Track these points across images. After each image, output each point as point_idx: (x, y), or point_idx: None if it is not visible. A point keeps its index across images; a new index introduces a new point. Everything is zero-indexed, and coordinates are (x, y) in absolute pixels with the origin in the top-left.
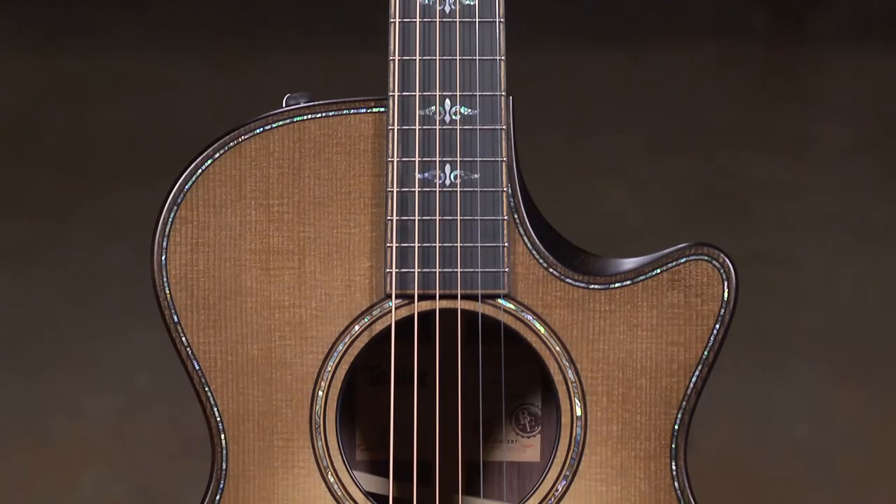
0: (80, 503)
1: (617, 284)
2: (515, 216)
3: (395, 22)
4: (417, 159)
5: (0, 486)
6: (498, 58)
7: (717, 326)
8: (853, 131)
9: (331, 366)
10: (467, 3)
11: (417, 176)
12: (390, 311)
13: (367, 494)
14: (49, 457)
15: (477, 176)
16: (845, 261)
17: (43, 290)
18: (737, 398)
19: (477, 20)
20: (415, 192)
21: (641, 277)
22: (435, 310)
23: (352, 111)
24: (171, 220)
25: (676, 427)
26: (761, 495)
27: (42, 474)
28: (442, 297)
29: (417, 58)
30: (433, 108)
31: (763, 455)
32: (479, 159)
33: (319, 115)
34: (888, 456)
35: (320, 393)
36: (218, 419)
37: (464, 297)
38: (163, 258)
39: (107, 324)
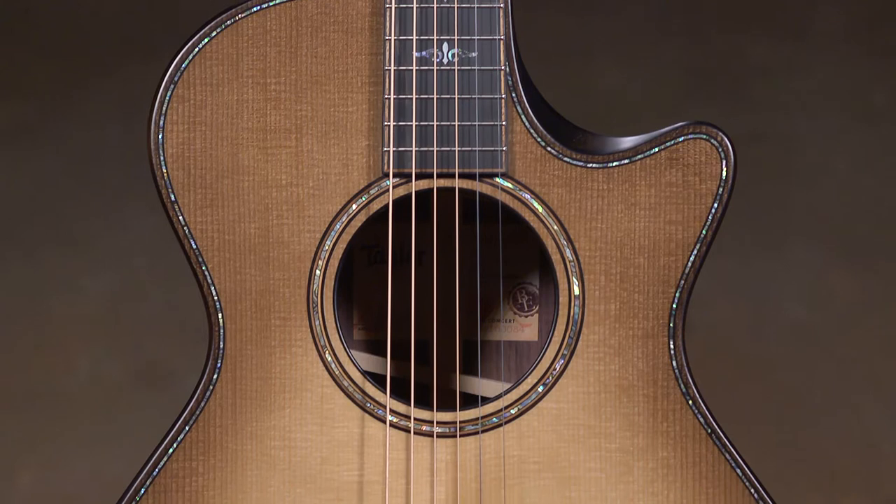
0: (78, 383)
1: (615, 163)
2: (513, 95)
3: None
4: (415, 37)
5: None
6: None
7: (716, 205)
8: (852, 12)
9: (328, 245)
10: None
11: (415, 54)
12: (388, 189)
13: (365, 373)
14: (47, 337)
15: (475, 54)
16: (844, 141)
17: (41, 170)
18: (735, 279)
19: None
20: (412, 70)
21: (640, 156)
22: (432, 188)
23: None
24: (167, 98)
25: (674, 306)
26: (760, 376)
27: (40, 354)
28: (439, 175)
29: None
30: None
31: (761, 336)
32: (476, 37)
33: None
34: (886, 336)
35: (318, 272)
36: (215, 298)
37: (461, 175)
38: (160, 137)
39: (104, 204)
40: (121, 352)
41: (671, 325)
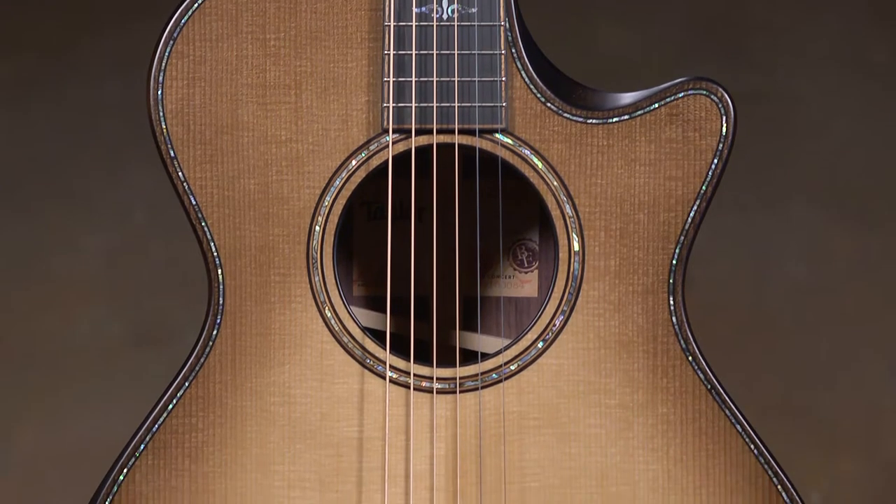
0: (79, 340)
1: (615, 119)
2: (513, 50)
3: None
4: None
5: None
6: None
7: (716, 161)
8: None
9: (328, 200)
10: None
11: (414, 10)
12: (387, 145)
13: (365, 329)
14: (47, 294)
15: (474, 10)
16: (844, 99)
17: (40, 126)
18: (735, 237)
19: None
20: (412, 26)
21: (639, 112)
22: (432, 144)
23: None
24: (167, 54)
25: (674, 262)
26: (760, 333)
27: (40, 312)
28: (439, 131)
29: None
30: None
31: (761, 293)
32: None
33: None
34: (885, 293)
35: (317, 228)
36: (215, 254)
37: (461, 131)
38: (159, 93)
39: (104, 161)
40: (120, 309)
41: (671, 281)
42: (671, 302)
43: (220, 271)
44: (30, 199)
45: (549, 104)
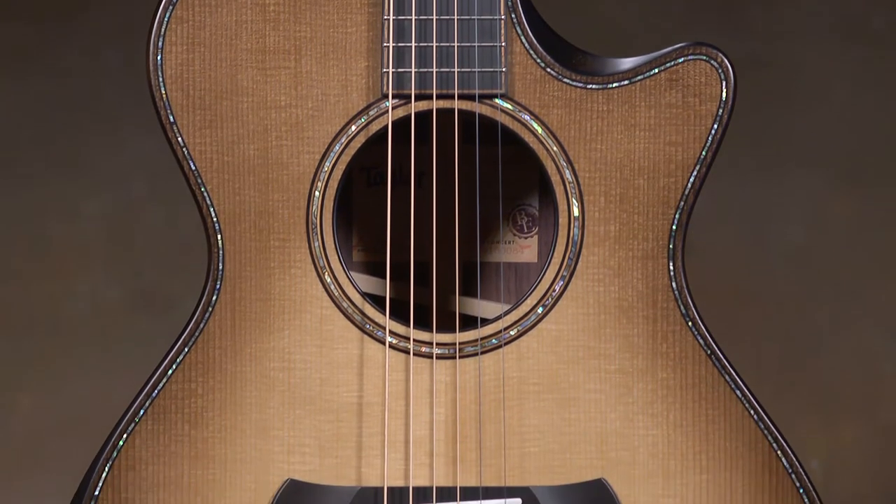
0: (78, 308)
1: (615, 84)
2: (513, 15)
3: None
4: None
5: None
6: None
7: (715, 126)
8: None
9: (327, 166)
10: None
11: None
12: (387, 111)
13: (364, 295)
14: (46, 262)
15: None
16: (843, 65)
17: (39, 94)
18: (734, 202)
19: None
20: None
21: (639, 77)
22: (432, 110)
23: None
24: (166, 19)
25: (674, 227)
26: (759, 299)
27: (39, 280)
28: (439, 97)
29: None
30: None
31: (761, 259)
32: None
33: None
34: (884, 259)
35: (317, 193)
36: (214, 220)
37: (461, 96)
38: (158, 58)
39: (103, 128)
40: (120, 276)
41: (671, 246)
42: (671, 267)
43: (219, 237)
44: (29, 167)
45: (548, 69)
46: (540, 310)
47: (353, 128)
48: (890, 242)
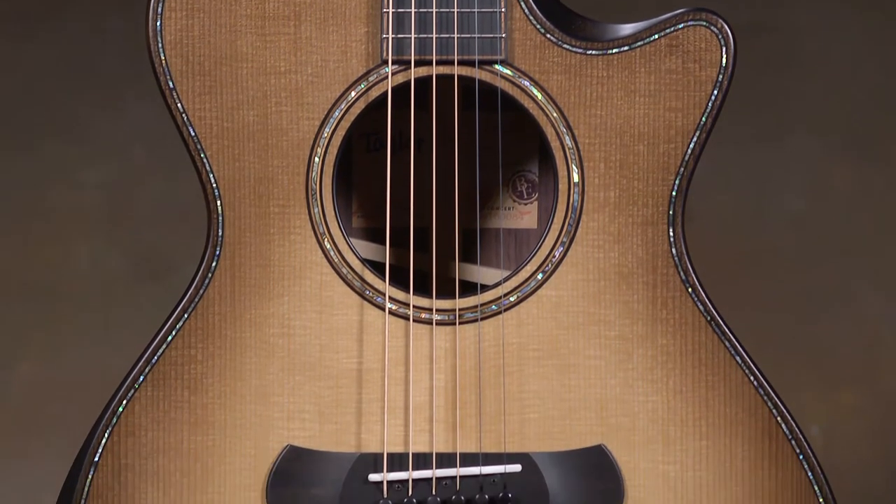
0: (78, 274)
1: (615, 50)
2: None
3: None
4: None
5: None
6: None
7: (716, 92)
8: None
9: (327, 132)
10: None
11: None
12: (387, 77)
13: (364, 261)
14: (46, 228)
15: None
16: (844, 31)
17: (39, 61)
18: (735, 170)
19: None
20: None
21: (639, 43)
22: (431, 76)
23: None
24: None
25: (674, 193)
26: (758, 266)
27: (39, 246)
28: (438, 62)
29: None
30: None
31: (761, 226)
32: None
33: None
34: (885, 225)
35: (316, 159)
36: (214, 186)
37: (460, 62)
38: (157, 24)
39: (102, 94)
40: (120, 243)
41: (671, 212)
42: (671, 233)
43: (219, 203)
44: (29, 134)
45: (548, 35)
46: (540, 276)
47: (353, 94)
48: (890, 209)
